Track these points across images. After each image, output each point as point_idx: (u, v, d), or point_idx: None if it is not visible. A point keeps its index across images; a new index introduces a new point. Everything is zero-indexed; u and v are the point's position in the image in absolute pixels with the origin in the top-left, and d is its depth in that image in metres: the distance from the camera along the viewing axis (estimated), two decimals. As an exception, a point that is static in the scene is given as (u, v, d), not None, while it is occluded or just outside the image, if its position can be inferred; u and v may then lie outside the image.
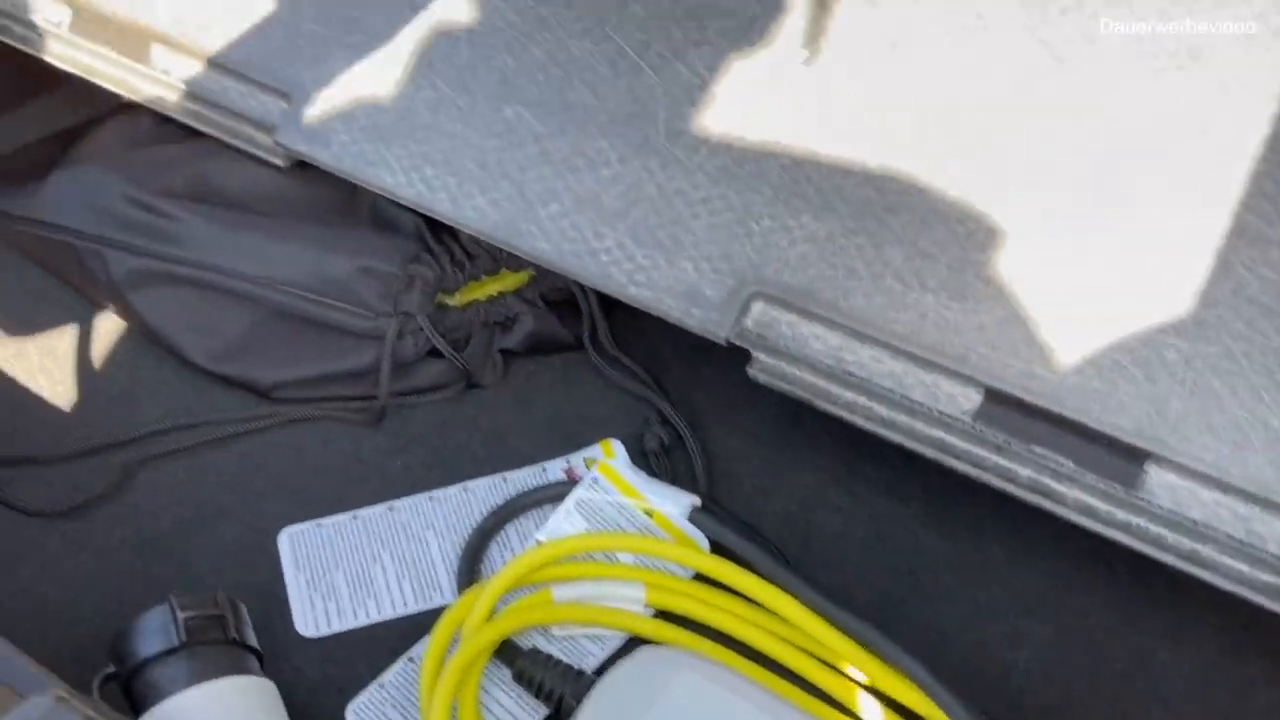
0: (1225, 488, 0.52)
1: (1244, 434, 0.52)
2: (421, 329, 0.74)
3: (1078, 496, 0.55)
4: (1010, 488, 0.56)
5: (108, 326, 0.80)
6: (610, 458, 0.71)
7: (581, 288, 0.76)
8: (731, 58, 0.63)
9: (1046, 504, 0.56)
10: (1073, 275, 0.56)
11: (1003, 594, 0.66)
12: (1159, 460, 0.53)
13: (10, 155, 0.84)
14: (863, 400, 0.59)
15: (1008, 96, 0.58)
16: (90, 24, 0.77)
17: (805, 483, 0.72)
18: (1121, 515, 0.54)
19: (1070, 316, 0.56)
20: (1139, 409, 0.54)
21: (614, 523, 0.67)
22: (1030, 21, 0.58)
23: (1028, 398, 0.55)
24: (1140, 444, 0.53)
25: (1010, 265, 0.57)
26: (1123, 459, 0.54)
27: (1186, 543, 0.52)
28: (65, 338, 0.79)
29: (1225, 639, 0.64)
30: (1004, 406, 0.56)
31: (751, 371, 0.61)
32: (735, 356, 0.62)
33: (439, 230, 0.75)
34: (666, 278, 0.62)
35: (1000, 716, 0.60)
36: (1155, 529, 0.53)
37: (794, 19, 0.63)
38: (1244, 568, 0.52)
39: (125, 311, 0.77)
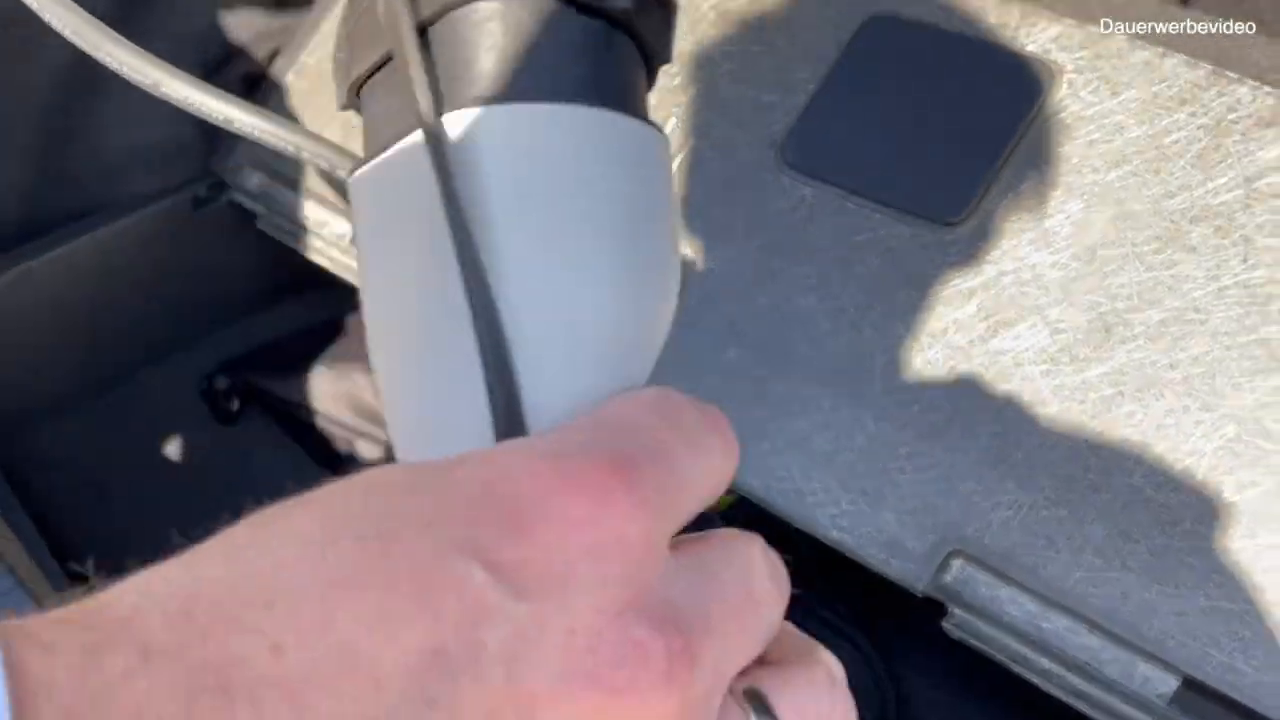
0: None
1: None
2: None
3: (1277, 798, 0.54)
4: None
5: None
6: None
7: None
8: (949, 323, 0.67)
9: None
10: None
11: None
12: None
13: (283, 339, 0.95)
14: (1058, 669, 0.60)
15: (1210, 398, 0.60)
16: (368, 238, 0.87)
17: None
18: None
19: (1277, 615, 0.56)
20: (1346, 719, 0.53)
21: None
22: (1250, 322, 0.60)
23: (1227, 691, 0.56)
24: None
25: (1216, 556, 0.58)
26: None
27: None
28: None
29: None
30: (1202, 696, 0.57)
31: (947, 625, 0.63)
32: (934, 606, 0.64)
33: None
34: (869, 525, 0.66)
35: None
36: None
37: (1011, 291, 0.67)
38: None
39: (366, 495, 0.85)
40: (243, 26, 0.97)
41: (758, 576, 0.26)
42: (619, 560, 0.21)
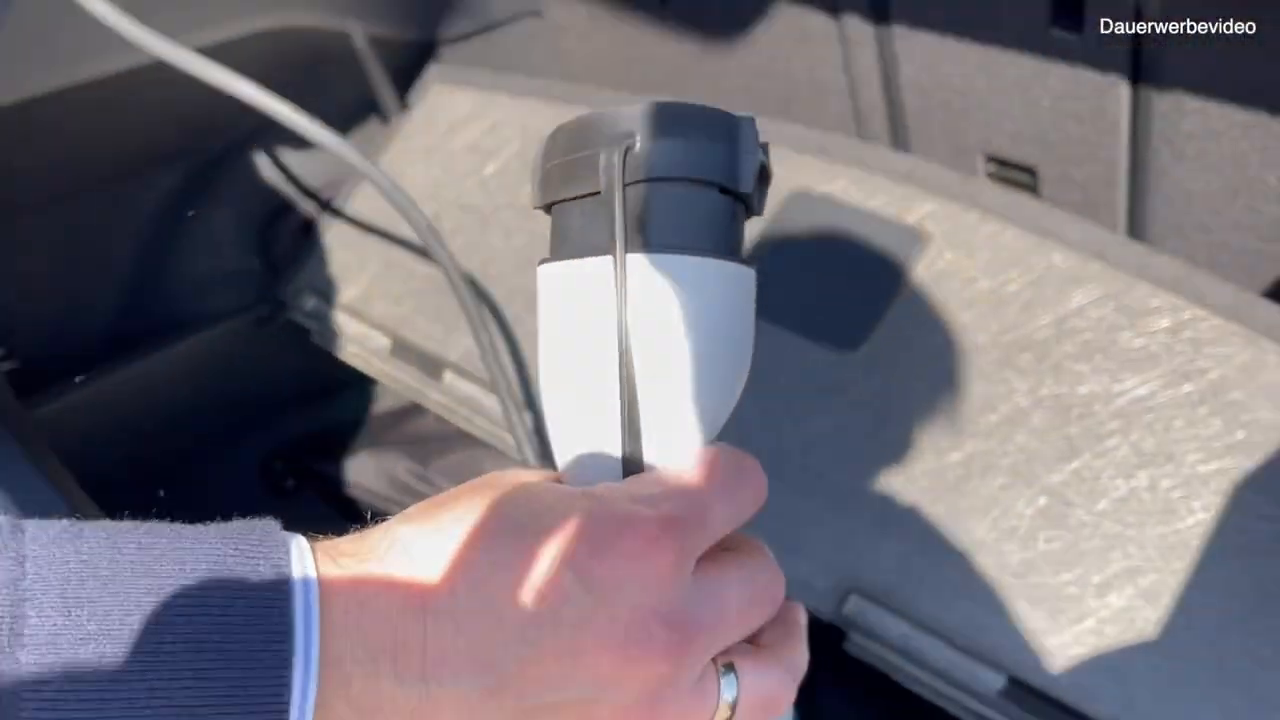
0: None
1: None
2: None
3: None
4: (1028, 752, 0.79)
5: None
6: None
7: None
8: (847, 422, 0.91)
9: (1054, 767, 0.77)
10: (1085, 600, 0.80)
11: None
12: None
13: (330, 429, 1.17)
14: (926, 677, 0.83)
15: (1030, 477, 0.84)
16: (404, 351, 1.10)
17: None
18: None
19: (1081, 626, 0.79)
20: (1116, 701, 0.76)
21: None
22: (1058, 423, 0.85)
23: (1039, 684, 0.78)
24: (1115, 726, 0.76)
25: (1032, 589, 0.81)
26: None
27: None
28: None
29: None
30: (1023, 690, 0.79)
31: (846, 645, 0.85)
32: (837, 631, 0.86)
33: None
34: (788, 571, 0.88)
35: None
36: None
37: (893, 399, 0.91)
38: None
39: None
40: (302, 179, 1.22)
41: (755, 590, 0.37)
42: (652, 581, 0.33)
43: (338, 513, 1.11)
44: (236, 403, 1.18)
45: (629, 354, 0.36)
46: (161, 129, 1.12)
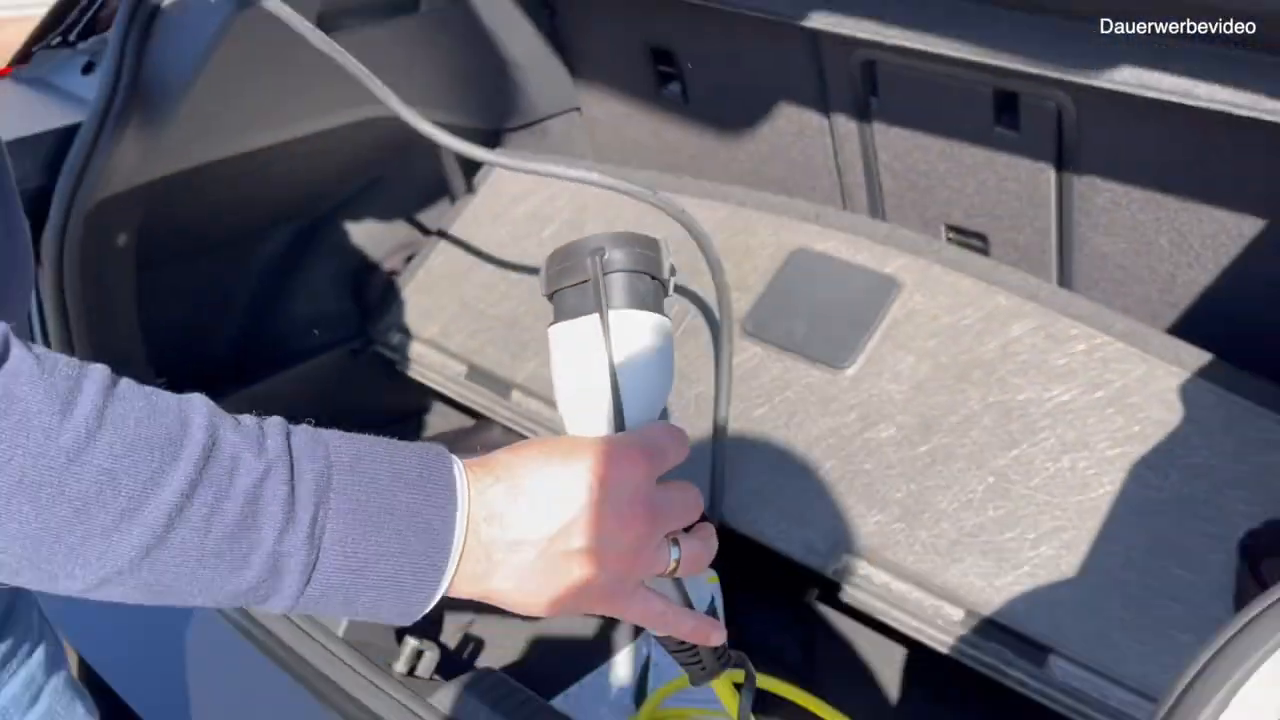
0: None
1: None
2: None
3: (1017, 675, 1.01)
4: (981, 669, 1.03)
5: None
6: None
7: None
8: (840, 423, 1.17)
9: (997, 676, 1.02)
10: (1023, 552, 1.05)
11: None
12: (1059, 654, 1.00)
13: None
14: (902, 615, 1.07)
15: (982, 462, 1.10)
16: (477, 375, 1.35)
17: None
18: (1035, 685, 1.00)
19: (1020, 571, 1.04)
20: (1046, 624, 1.01)
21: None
22: (1002, 422, 1.10)
23: (989, 614, 1.03)
24: (1045, 642, 1.00)
25: (982, 545, 1.06)
26: (1041, 651, 1.00)
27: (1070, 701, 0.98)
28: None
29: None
30: (975, 618, 1.04)
31: (842, 595, 1.10)
32: (834, 585, 1.11)
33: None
34: (800, 536, 1.13)
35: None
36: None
37: (876, 405, 1.16)
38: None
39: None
40: (389, 239, 1.48)
41: (688, 500, 0.57)
42: (636, 484, 0.54)
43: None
44: (333, 420, 1.41)
45: (613, 366, 0.57)
46: (282, 195, 1.38)
